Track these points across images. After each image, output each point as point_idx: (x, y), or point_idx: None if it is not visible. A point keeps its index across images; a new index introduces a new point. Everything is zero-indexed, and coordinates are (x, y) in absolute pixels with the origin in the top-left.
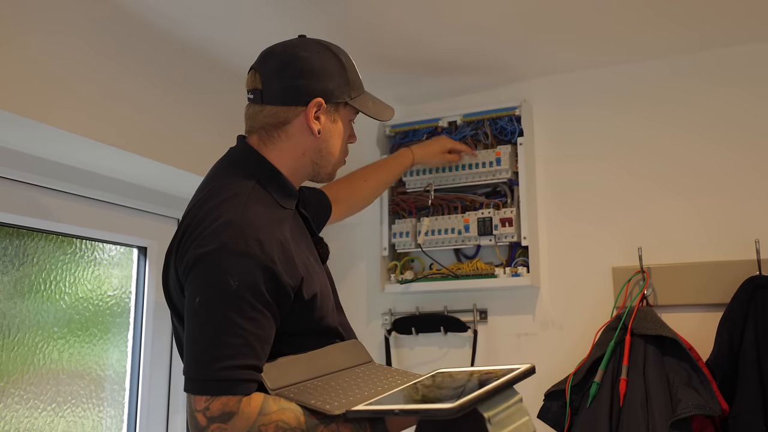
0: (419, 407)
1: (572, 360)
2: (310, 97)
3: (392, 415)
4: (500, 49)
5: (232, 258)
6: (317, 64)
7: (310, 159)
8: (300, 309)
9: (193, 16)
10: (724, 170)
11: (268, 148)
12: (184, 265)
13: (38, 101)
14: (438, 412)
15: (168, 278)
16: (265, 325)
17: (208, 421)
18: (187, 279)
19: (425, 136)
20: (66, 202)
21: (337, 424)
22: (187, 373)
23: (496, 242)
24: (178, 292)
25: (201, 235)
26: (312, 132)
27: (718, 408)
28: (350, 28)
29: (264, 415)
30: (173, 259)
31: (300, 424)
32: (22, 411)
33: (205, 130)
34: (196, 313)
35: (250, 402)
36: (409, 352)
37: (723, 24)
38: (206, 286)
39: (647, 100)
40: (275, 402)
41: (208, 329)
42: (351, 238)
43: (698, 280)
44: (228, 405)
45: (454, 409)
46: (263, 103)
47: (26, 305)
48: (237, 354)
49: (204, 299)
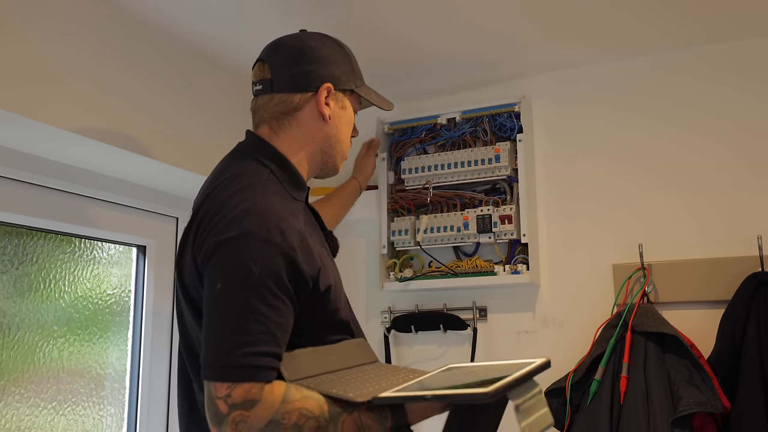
0: (453, 392)
1: (572, 357)
2: (319, 82)
3: (423, 401)
4: (499, 45)
5: (254, 244)
6: (325, 52)
7: (320, 147)
8: (316, 300)
9: (193, 13)
10: (727, 166)
11: (279, 138)
12: (204, 252)
13: (37, 100)
14: (474, 397)
15: (183, 269)
16: (286, 313)
17: (229, 408)
18: (207, 266)
19: (423, 133)
20: (65, 201)
21: (359, 413)
22: (207, 360)
23: (495, 239)
24: (195, 282)
25: (221, 222)
26: (323, 117)
27: (720, 405)
28: (350, 26)
29: (287, 403)
30: (190, 248)
31: (323, 413)
32: (22, 409)
33: (205, 129)
34: (217, 300)
35: (272, 389)
36: (408, 350)
37: (724, 19)
38: (228, 273)
39: (648, 97)
40: (298, 390)
41: (229, 315)
42: (350, 236)
43: (699, 277)
44: (250, 392)
45: (489, 394)
46: (273, 92)
47: (26, 304)
48: (259, 341)
49: (225, 285)
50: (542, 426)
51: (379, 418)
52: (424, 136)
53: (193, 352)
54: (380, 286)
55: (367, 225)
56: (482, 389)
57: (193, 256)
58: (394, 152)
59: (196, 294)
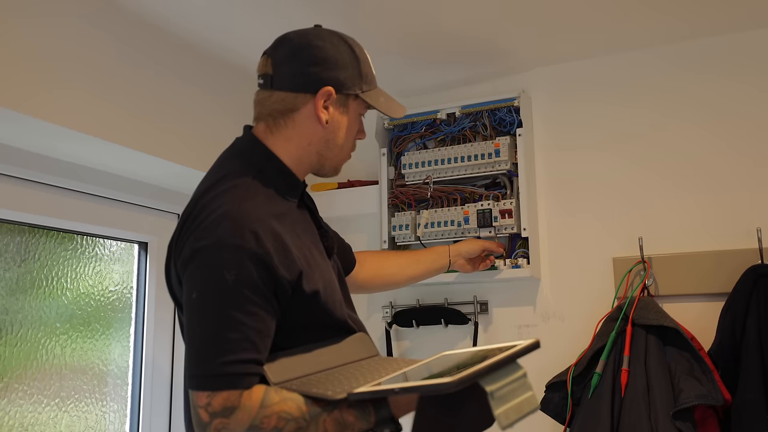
0: (418, 384)
1: (573, 351)
2: (320, 85)
3: (392, 394)
4: (498, 40)
5: (227, 252)
6: (330, 54)
7: (316, 150)
8: (301, 303)
9: (196, 8)
10: (726, 159)
11: (274, 137)
12: (182, 258)
13: (37, 97)
14: (437, 387)
15: (170, 271)
16: (265, 318)
17: (210, 417)
18: (185, 273)
19: (423, 128)
20: (67, 199)
21: (340, 411)
22: (188, 370)
23: (496, 234)
24: (178, 285)
25: (198, 228)
26: (320, 121)
27: (721, 398)
28: (350, 24)
29: (265, 407)
30: (174, 252)
31: (302, 414)
32: (26, 406)
33: (207, 126)
34: (195, 309)
35: (251, 395)
36: (410, 344)
37: (723, 11)
38: (203, 281)
39: (647, 90)
40: (277, 393)
41: (206, 325)
42: (351, 231)
43: (700, 270)
44: (229, 400)
45: (452, 383)
46: (272, 89)
47: (28, 301)
48: (237, 349)
49: (201, 294)
50: (524, 411)
51: (361, 414)
52: (424, 131)
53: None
54: None
55: (367, 220)
56: (446, 379)
57: (174, 261)
58: (395, 147)
59: (181, 297)
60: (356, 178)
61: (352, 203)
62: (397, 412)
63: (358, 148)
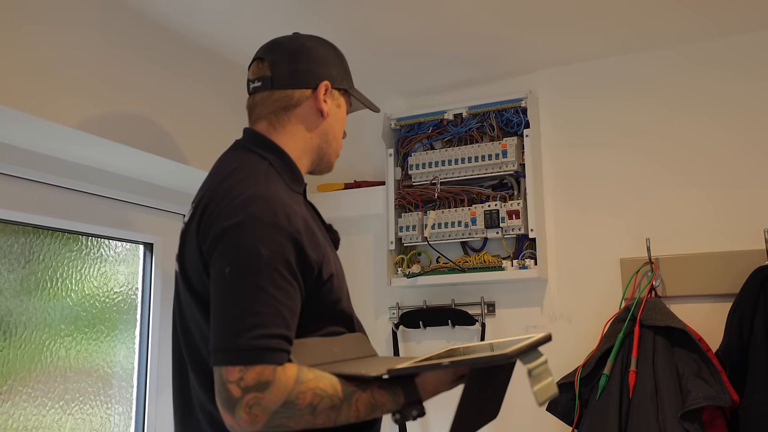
0: (472, 357)
1: (581, 352)
2: (318, 80)
3: (442, 368)
4: (505, 40)
5: (262, 228)
6: (322, 53)
7: (317, 143)
8: (319, 288)
9: (205, 10)
10: (732, 160)
11: (278, 132)
12: (210, 238)
13: (44, 97)
14: (494, 359)
15: (186, 263)
16: (294, 296)
17: (242, 392)
18: (214, 252)
19: (430, 128)
20: (71, 199)
21: (372, 390)
22: (216, 345)
23: (503, 235)
24: (201, 274)
25: (227, 209)
26: (321, 113)
27: (729, 399)
28: (356, 25)
29: (301, 383)
30: (194, 238)
31: (336, 392)
32: (30, 409)
33: (213, 126)
34: (226, 284)
35: (285, 371)
36: (416, 345)
37: (734, 10)
38: (236, 256)
39: (654, 90)
40: (310, 371)
41: (239, 298)
42: (357, 232)
43: (707, 271)
44: (263, 374)
45: (508, 355)
46: (273, 88)
47: (33, 303)
48: (270, 323)
49: (234, 269)
50: (551, 393)
51: (392, 395)
52: (431, 131)
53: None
54: (388, 282)
55: (374, 221)
56: (501, 351)
57: (198, 245)
58: (401, 148)
59: (201, 287)
60: (363, 178)
61: (359, 204)
62: (424, 395)
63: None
